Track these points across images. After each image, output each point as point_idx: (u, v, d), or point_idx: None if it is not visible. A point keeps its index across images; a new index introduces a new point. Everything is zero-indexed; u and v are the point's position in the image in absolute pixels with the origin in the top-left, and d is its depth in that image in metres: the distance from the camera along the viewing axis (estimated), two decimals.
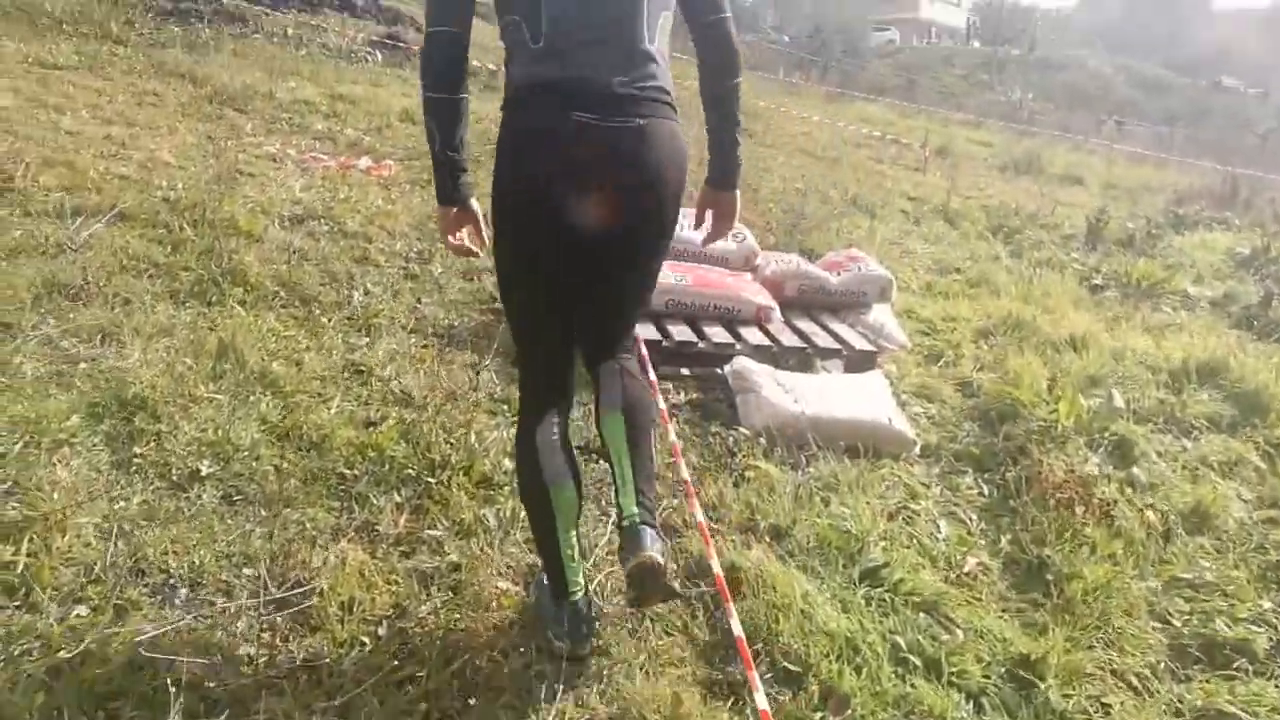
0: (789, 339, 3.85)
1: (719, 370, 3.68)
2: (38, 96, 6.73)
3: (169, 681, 1.82)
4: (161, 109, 7.27)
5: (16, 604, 2.01)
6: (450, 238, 2.03)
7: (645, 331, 3.65)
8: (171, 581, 2.16)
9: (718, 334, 3.78)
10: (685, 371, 3.70)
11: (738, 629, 2.03)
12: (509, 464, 2.79)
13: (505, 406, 3.23)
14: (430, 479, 2.64)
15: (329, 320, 3.88)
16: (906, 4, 51.80)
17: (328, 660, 1.99)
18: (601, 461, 2.89)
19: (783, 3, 37.58)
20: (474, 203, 2.03)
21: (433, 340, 3.84)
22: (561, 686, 2.01)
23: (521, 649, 2.11)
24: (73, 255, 4.04)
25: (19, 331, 3.28)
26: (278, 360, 3.35)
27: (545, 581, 2.17)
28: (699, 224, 2.26)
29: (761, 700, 1.84)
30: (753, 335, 3.83)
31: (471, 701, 1.94)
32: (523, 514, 2.44)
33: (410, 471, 2.68)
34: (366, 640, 2.07)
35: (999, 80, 37.03)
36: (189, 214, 4.72)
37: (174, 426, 2.73)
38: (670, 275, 3.91)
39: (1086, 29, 51.39)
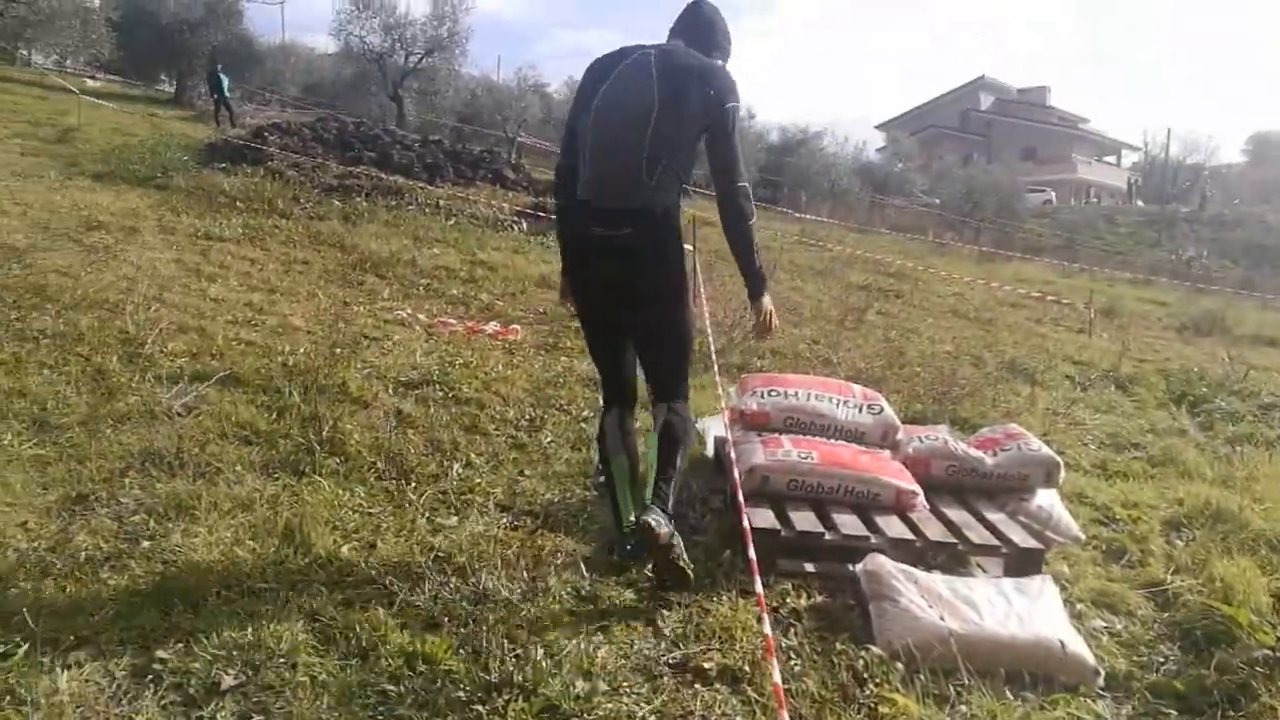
0: (935, 532, 3.25)
1: (849, 567, 3.12)
2: (196, 266, 7.10)
3: None
4: (307, 275, 7.54)
5: None
6: (563, 297, 3.25)
7: (761, 518, 3.16)
8: None
9: (849, 523, 3.22)
10: (809, 567, 3.15)
11: None
12: (582, 684, 2.31)
13: (590, 607, 2.78)
14: (481, 706, 2.18)
15: (419, 496, 3.58)
16: (1063, 165, 50.90)
17: None
18: None
19: (933, 167, 37.49)
20: None
21: (526, 520, 3.47)
22: None
23: None
24: (176, 421, 3.97)
25: (96, 504, 3.13)
26: (350, 543, 3.04)
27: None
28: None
29: None
30: (891, 526, 3.25)
31: None
32: None
33: (461, 694, 2.24)
34: None
35: (1167, 238, 35.31)
36: (302, 379, 4.65)
37: (211, 624, 2.41)
38: (793, 451, 3.43)
39: (1258, 184, 48.71)
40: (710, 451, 4.24)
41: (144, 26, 23.85)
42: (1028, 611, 2.74)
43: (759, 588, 2.40)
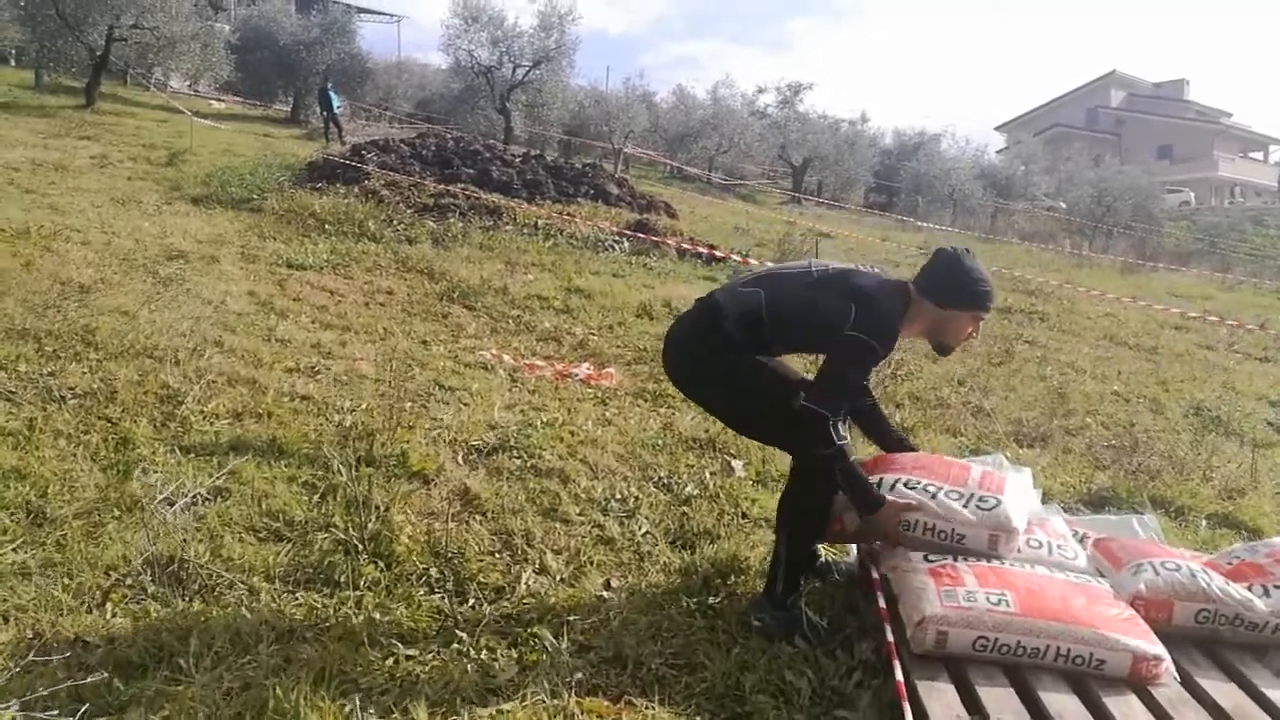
0: None
1: None
2: (269, 300, 6.54)
3: None
4: (388, 308, 6.91)
5: None
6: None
7: (938, 700, 2.21)
8: None
9: (1068, 713, 2.23)
10: None
11: None
12: None
13: None
14: None
15: (476, 625, 2.77)
16: (1203, 163, 47.33)
17: None
18: None
19: (1060, 169, 34.96)
20: None
21: (609, 672, 2.60)
22: None
23: None
24: (194, 510, 3.27)
25: (54, 652, 2.42)
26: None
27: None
28: None
29: None
30: (1130, 713, 2.24)
31: None
32: None
33: None
34: None
35: None
36: (356, 446, 3.92)
37: None
38: (979, 593, 2.45)
39: None
40: (853, 558, 3.30)
41: (263, 48, 24.30)
42: None
43: None
